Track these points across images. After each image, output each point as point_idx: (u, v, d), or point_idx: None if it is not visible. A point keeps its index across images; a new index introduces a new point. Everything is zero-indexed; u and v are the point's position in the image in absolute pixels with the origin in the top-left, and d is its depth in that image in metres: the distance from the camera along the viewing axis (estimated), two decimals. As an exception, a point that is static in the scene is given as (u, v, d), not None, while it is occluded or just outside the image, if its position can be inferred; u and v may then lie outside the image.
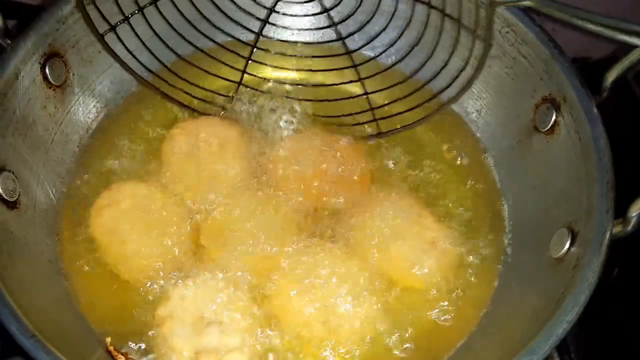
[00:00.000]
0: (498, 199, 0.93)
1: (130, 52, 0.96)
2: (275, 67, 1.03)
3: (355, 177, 0.93)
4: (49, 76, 0.88)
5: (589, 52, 1.08)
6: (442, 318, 0.83)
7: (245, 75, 1.00)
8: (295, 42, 1.04)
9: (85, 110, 0.96)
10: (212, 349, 0.77)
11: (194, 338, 0.78)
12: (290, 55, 1.03)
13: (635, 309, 0.97)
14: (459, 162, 0.97)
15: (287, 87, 1.01)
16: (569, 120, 0.82)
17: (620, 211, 0.73)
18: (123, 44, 0.95)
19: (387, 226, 0.87)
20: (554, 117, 0.85)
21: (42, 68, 0.87)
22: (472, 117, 0.99)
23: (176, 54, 0.99)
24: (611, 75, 0.79)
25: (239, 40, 1.01)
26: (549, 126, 0.86)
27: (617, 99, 0.90)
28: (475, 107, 0.98)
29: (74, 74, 0.93)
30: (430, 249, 0.86)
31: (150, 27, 0.96)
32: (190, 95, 0.99)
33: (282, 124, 0.97)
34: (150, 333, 0.80)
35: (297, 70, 1.03)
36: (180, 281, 0.83)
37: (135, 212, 0.86)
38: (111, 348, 0.78)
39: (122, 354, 0.78)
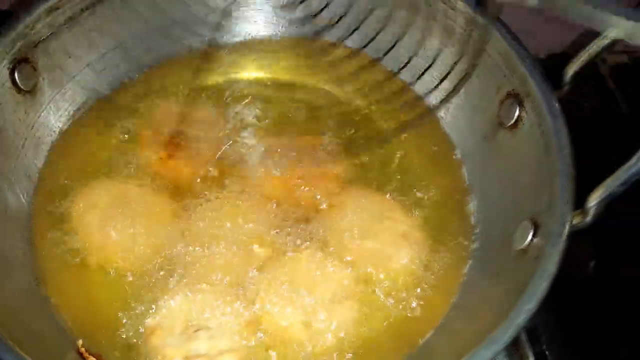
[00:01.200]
0: (466, 193, 0.95)
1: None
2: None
3: (328, 176, 0.95)
4: (18, 81, 0.88)
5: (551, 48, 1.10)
6: (412, 309, 0.85)
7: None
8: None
9: (57, 114, 0.97)
10: (202, 354, 0.78)
11: (183, 345, 0.79)
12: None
13: (611, 301, 0.99)
14: (428, 157, 0.99)
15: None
16: (532, 115, 0.84)
17: (581, 203, 0.75)
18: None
19: (359, 223, 0.89)
20: (517, 112, 0.87)
21: (11, 73, 0.87)
22: (440, 114, 1.00)
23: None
24: (571, 69, 0.81)
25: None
26: (512, 121, 0.87)
27: (592, 93, 0.92)
28: (444, 106, 1.00)
29: (44, 79, 0.93)
30: (401, 241, 0.87)
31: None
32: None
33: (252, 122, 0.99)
34: (134, 342, 0.81)
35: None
36: (165, 287, 0.84)
37: (117, 212, 0.87)
38: (83, 350, 0.79)
39: (94, 355, 0.79)
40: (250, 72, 1.06)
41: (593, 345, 0.96)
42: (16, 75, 0.88)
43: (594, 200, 0.71)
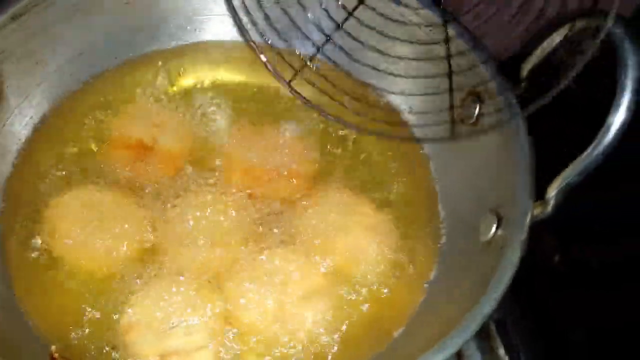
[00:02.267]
0: (434, 189, 0.97)
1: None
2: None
3: (298, 172, 0.96)
4: (-20, 89, 0.88)
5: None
6: (382, 304, 0.87)
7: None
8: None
9: (22, 122, 0.96)
10: (178, 351, 0.79)
11: (159, 342, 0.80)
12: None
13: (575, 293, 1.03)
14: (396, 155, 1.01)
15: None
16: (492, 112, 0.87)
17: (541, 194, 0.78)
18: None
19: (329, 219, 0.91)
20: (477, 110, 0.90)
21: (-25, 80, 0.87)
22: (405, 114, 1.03)
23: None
24: (527, 66, 0.84)
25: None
26: (474, 119, 0.90)
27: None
28: (407, 104, 1.02)
29: (8, 86, 0.93)
30: (371, 236, 0.90)
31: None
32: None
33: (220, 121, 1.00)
34: (108, 342, 0.81)
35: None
36: (139, 285, 0.85)
37: (88, 215, 0.88)
38: (56, 355, 0.78)
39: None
40: (218, 73, 1.07)
41: (558, 332, 1.00)
42: (-22, 82, 0.88)
43: (552, 190, 0.75)
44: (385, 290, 0.88)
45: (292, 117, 1.01)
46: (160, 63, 1.04)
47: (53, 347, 0.79)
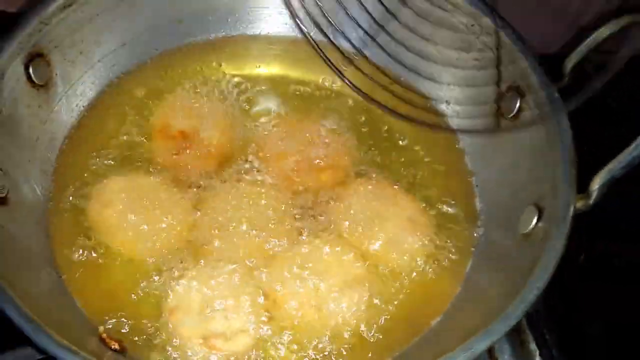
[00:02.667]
0: (470, 182, 0.99)
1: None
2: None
3: (340, 162, 0.98)
4: (32, 76, 0.90)
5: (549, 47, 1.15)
6: (421, 293, 0.88)
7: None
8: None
9: (69, 109, 0.98)
10: (219, 333, 0.81)
11: (201, 325, 0.81)
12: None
13: (598, 293, 1.04)
14: (432, 148, 1.03)
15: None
16: (533, 106, 0.88)
17: (582, 187, 0.79)
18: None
19: (369, 211, 0.93)
20: (518, 104, 0.91)
21: (26, 68, 0.89)
22: (442, 107, 1.04)
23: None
24: (570, 61, 0.85)
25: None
26: (514, 112, 0.92)
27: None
28: (445, 97, 1.04)
29: (57, 74, 0.95)
30: (409, 227, 0.91)
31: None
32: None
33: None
34: (153, 324, 0.83)
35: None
36: (182, 271, 0.87)
37: (133, 202, 0.89)
38: (104, 336, 0.80)
39: (116, 341, 0.80)
40: (259, 66, 1.09)
41: (585, 326, 1.01)
42: (31, 70, 0.90)
43: (596, 183, 0.75)
44: (423, 281, 0.89)
45: (332, 110, 1.03)
46: (201, 55, 1.06)
47: (101, 328, 0.81)
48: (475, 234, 0.93)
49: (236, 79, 1.06)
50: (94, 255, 0.88)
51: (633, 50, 0.70)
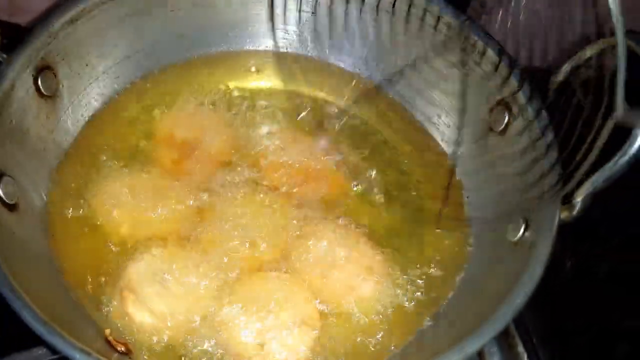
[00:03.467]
0: (460, 194, 1.03)
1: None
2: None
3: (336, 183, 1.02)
4: (41, 87, 0.93)
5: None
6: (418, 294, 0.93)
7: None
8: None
9: (74, 119, 1.02)
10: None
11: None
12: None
13: (585, 296, 1.08)
14: (423, 163, 1.07)
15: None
16: (520, 120, 0.93)
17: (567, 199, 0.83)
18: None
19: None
20: (506, 119, 0.95)
21: (35, 80, 0.92)
22: (434, 121, 1.09)
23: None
24: (557, 78, 0.89)
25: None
26: (502, 126, 0.96)
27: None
28: (435, 112, 1.08)
29: (63, 85, 0.98)
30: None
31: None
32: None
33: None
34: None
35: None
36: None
37: (133, 200, 0.95)
38: (111, 338, 0.83)
39: (122, 343, 0.83)
40: (259, 80, 1.13)
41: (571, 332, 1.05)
42: (39, 81, 0.93)
43: (580, 195, 0.80)
44: (422, 281, 0.94)
45: (330, 126, 1.08)
46: (202, 68, 1.10)
47: (107, 330, 0.84)
48: (467, 243, 0.97)
49: (237, 93, 1.10)
50: (96, 254, 0.92)
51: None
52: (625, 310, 1.05)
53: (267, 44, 1.14)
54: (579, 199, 0.80)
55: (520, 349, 1.02)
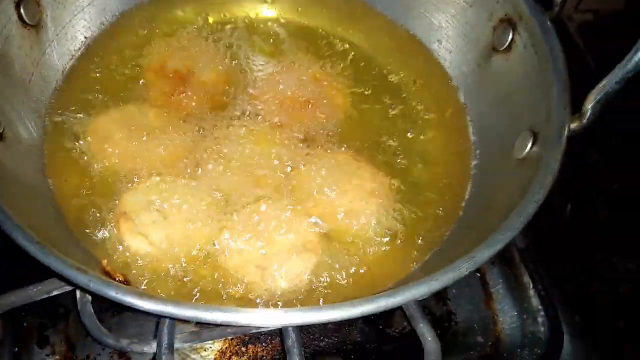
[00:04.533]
0: (464, 117, 1.00)
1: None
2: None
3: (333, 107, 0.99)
4: (24, 15, 0.89)
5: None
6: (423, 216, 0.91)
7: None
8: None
9: (60, 52, 0.98)
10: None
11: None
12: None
13: (584, 239, 1.07)
14: (426, 87, 1.05)
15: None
16: (526, 36, 0.89)
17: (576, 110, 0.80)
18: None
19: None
20: (511, 36, 0.92)
21: (17, 7, 0.88)
22: (434, 47, 1.05)
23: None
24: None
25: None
26: (506, 45, 0.93)
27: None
28: (436, 37, 1.05)
29: (47, 15, 0.94)
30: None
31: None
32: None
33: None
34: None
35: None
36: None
37: (128, 132, 0.91)
38: (109, 269, 0.80)
39: (120, 273, 0.80)
40: (252, 11, 1.09)
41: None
42: (22, 9, 0.89)
43: (590, 102, 0.77)
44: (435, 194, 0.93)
45: (325, 56, 1.04)
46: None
47: (105, 262, 0.81)
48: (471, 165, 0.95)
49: (230, 23, 1.06)
50: (93, 186, 0.89)
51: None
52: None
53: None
54: (589, 107, 0.77)
55: (526, 278, 1.01)
